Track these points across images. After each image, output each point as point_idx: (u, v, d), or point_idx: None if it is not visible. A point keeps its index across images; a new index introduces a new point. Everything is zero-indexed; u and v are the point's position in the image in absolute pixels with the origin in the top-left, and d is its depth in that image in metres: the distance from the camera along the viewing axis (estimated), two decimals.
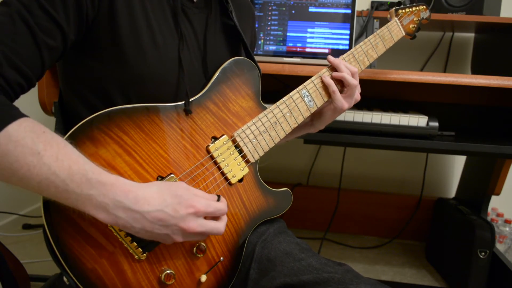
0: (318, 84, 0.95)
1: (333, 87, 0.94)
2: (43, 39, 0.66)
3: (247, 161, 0.87)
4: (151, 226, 0.65)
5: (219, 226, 0.73)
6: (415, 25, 1.15)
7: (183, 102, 0.80)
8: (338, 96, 0.94)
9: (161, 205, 0.66)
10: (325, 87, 0.96)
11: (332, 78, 0.95)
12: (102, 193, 0.62)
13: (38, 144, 0.60)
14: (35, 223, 2.15)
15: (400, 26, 1.11)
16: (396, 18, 1.11)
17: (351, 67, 0.95)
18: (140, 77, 0.76)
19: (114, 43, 0.74)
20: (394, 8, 1.12)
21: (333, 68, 0.96)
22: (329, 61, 0.95)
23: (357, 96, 0.97)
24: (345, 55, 1.00)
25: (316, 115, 1.01)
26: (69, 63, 0.78)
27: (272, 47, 1.51)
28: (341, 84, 0.96)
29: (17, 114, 0.60)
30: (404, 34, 1.13)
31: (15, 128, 0.59)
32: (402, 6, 1.14)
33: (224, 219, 0.74)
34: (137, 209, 0.64)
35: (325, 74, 0.96)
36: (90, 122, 0.69)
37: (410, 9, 1.14)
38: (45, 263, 1.79)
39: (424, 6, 1.16)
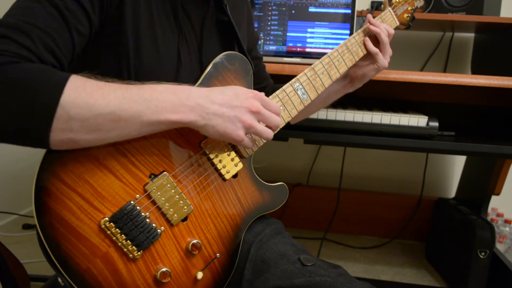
0: (311, 76, 0.95)
1: (375, 49, 1.02)
2: (74, 24, 0.67)
3: (241, 156, 0.87)
4: (220, 110, 0.72)
5: (277, 116, 0.80)
6: (409, 15, 1.14)
7: None
8: (381, 56, 1.03)
9: (222, 91, 0.74)
10: (319, 79, 0.96)
11: (368, 35, 1.04)
12: (172, 92, 0.69)
13: (100, 81, 0.64)
14: (35, 223, 2.15)
15: (394, 16, 1.11)
16: (389, 8, 1.11)
17: (389, 29, 1.04)
18: (138, 71, 0.77)
19: (117, 36, 0.74)
20: None
21: (367, 32, 1.04)
22: (368, 20, 1.04)
23: (390, 53, 1.06)
24: (338, 46, 1.00)
25: (357, 77, 1.07)
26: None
27: (272, 47, 1.50)
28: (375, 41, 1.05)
29: (68, 73, 0.63)
30: (398, 23, 1.13)
31: (74, 78, 0.62)
32: None
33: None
34: (204, 95, 0.72)
35: (361, 36, 1.04)
36: None
37: None
38: (45, 263, 1.77)
39: None
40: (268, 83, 1.14)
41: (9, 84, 0.57)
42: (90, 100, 0.61)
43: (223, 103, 0.72)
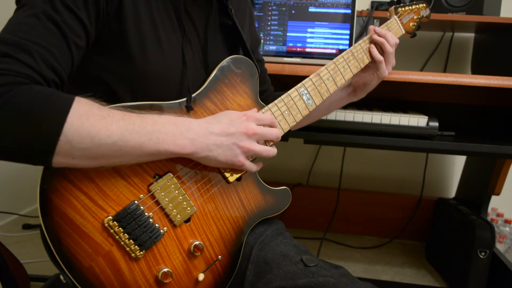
0: (316, 82, 0.95)
1: (380, 57, 1.02)
2: (73, 39, 0.67)
3: None
4: (219, 139, 0.75)
5: (274, 129, 0.83)
6: (415, 23, 1.15)
7: (183, 100, 0.80)
8: (383, 65, 1.03)
9: (219, 120, 0.77)
10: (324, 85, 0.96)
11: (374, 42, 1.03)
12: (173, 124, 0.71)
13: (103, 110, 0.65)
14: (35, 223, 2.16)
15: (400, 24, 1.12)
16: (395, 16, 1.11)
17: (394, 38, 1.04)
18: (144, 75, 0.77)
19: (120, 40, 0.74)
20: (393, 6, 1.12)
21: (372, 40, 1.04)
22: (374, 29, 1.03)
23: (393, 63, 1.06)
24: (344, 53, 1.00)
25: (359, 86, 1.08)
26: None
27: (272, 47, 1.51)
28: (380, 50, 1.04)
29: (72, 96, 0.63)
30: (403, 32, 1.13)
31: (78, 105, 0.62)
32: (401, 4, 1.13)
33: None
34: (203, 127, 0.74)
35: (367, 43, 1.03)
36: None
37: (410, 7, 1.14)
38: (45, 263, 1.79)
39: (424, 4, 1.16)
40: (268, 87, 1.13)
41: (13, 108, 0.58)
42: (93, 130, 0.62)
43: (220, 133, 0.75)
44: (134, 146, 0.66)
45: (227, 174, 0.83)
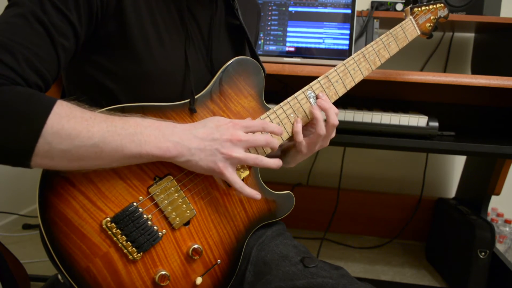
0: (325, 84, 0.91)
1: (300, 138, 0.88)
2: (60, 41, 0.66)
3: None
4: (202, 144, 0.72)
5: (263, 136, 0.79)
6: (431, 24, 1.10)
7: (186, 101, 0.79)
8: (302, 146, 0.89)
9: (204, 125, 0.75)
10: (333, 87, 0.92)
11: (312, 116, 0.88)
12: (156, 127, 0.70)
13: (85, 112, 0.64)
14: (35, 223, 2.16)
15: (415, 25, 1.07)
16: (411, 17, 1.06)
17: (335, 120, 0.87)
18: (147, 75, 0.76)
19: (122, 41, 0.73)
20: (409, 6, 1.07)
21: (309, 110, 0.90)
22: (319, 104, 0.88)
23: (323, 143, 0.91)
24: (355, 54, 0.96)
25: (284, 150, 0.98)
26: (76, 60, 0.76)
27: (272, 47, 1.50)
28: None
29: (54, 98, 0.62)
30: (419, 33, 1.08)
31: (59, 107, 0.61)
32: (418, 4, 1.09)
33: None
34: (187, 131, 0.72)
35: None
36: None
37: (427, 7, 1.09)
38: (45, 263, 1.79)
39: (442, 4, 1.10)
40: None
41: None
42: (73, 132, 0.61)
43: (204, 137, 0.73)
44: (115, 148, 0.65)
45: None
